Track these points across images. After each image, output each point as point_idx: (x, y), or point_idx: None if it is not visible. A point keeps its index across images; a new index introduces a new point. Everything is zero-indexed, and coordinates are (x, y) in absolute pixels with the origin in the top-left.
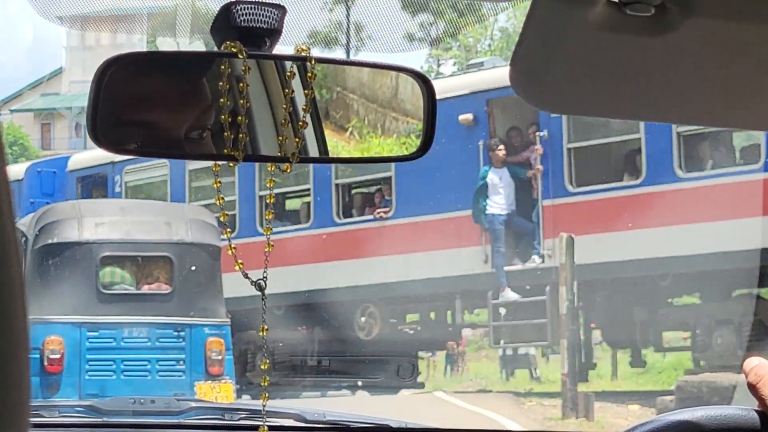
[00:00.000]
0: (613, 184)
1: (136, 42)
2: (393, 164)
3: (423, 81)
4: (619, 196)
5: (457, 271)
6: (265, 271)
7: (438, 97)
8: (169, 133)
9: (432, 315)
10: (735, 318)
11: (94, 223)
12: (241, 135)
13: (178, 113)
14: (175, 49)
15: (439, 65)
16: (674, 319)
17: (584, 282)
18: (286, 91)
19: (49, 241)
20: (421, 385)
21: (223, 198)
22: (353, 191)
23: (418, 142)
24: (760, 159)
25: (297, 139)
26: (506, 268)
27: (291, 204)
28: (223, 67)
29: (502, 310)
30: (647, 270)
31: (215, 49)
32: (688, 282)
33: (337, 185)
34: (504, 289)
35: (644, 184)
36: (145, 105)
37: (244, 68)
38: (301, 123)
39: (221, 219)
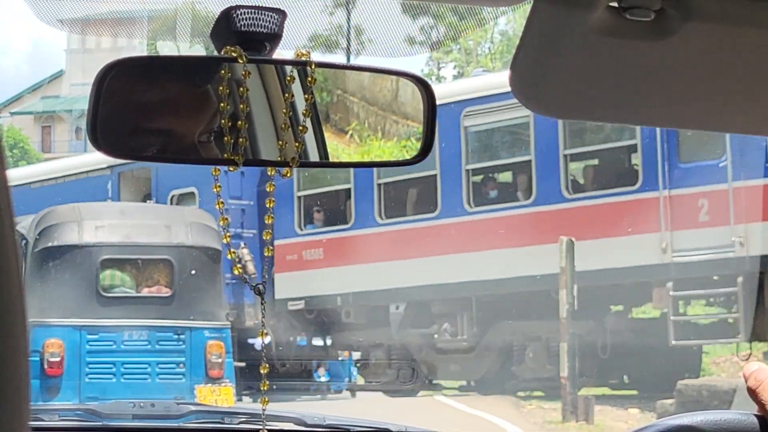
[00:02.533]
0: None
1: (136, 45)
2: None
3: (423, 86)
4: None
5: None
6: (264, 276)
7: None
8: (168, 138)
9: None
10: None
11: (94, 226)
12: (241, 139)
13: (178, 118)
14: (175, 53)
15: (439, 68)
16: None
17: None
18: (286, 95)
19: (50, 244)
20: None
21: (222, 202)
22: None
23: (418, 145)
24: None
25: (297, 144)
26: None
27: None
28: (223, 71)
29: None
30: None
31: (215, 53)
32: None
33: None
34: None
35: None
36: (144, 109)
37: (244, 73)
38: (301, 127)
39: (221, 223)
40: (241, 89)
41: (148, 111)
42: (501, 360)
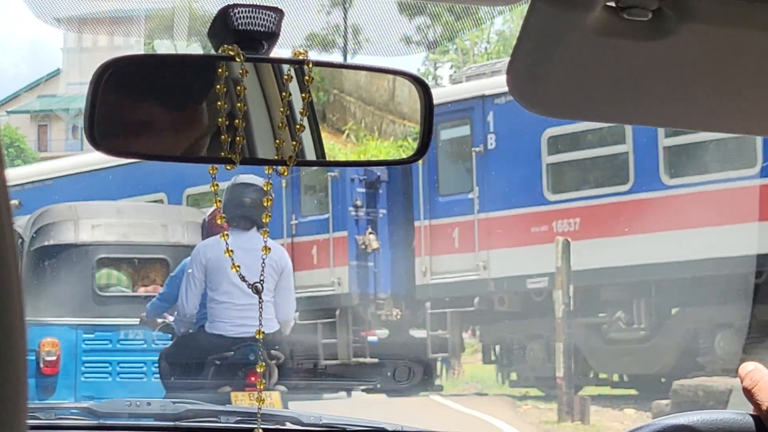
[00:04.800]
0: None
1: (133, 44)
2: None
3: (420, 84)
4: None
5: None
6: (261, 275)
7: None
8: (166, 136)
9: None
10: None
11: (91, 225)
12: (238, 138)
13: (175, 116)
14: (172, 51)
15: (436, 68)
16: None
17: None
18: (284, 94)
19: (46, 243)
20: None
21: (220, 201)
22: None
23: (415, 145)
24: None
25: (294, 143)
26: None
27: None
28: (220, 70)
29: None
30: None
31: (213, 52)
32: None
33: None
34: None
35: None
36: (142, 108)
37: (241, 71)
38: (298, 126)
39: (219, 221)
40: (239, 88)
41: (145, 109)
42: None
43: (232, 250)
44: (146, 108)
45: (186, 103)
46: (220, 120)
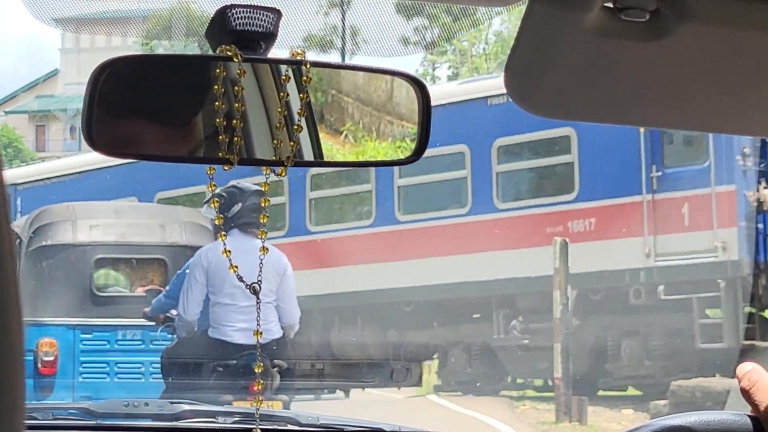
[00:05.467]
0: None
1: (131, 45)
2: None
3: (418, 85)
4: None
5: None
6: (259, 275)
7: None
8: (164, 136)
9: None
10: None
11: (89, 225)
12: (236, 138)
13: (173, 116)
14: (170, 52)
15: (434, 69)
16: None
17: None
18: (281, 94)
19: (43, 243)
20: None
21: (218, 201)
22: None
23: (413, 146)
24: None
25: (292, 143)
26: None
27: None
28: (218, 70)
29: None
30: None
31: (210, 52)
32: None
33: None
34: None
35: None
36: (139, 108)
37: (239, 72)
38: (296, 127)
39: (216, 222)
40: (237, 88)
41: (143, 110)
42: None
43: (230, 251)
44: (144, 108)
45: (184, 104)
46: (217, 120)
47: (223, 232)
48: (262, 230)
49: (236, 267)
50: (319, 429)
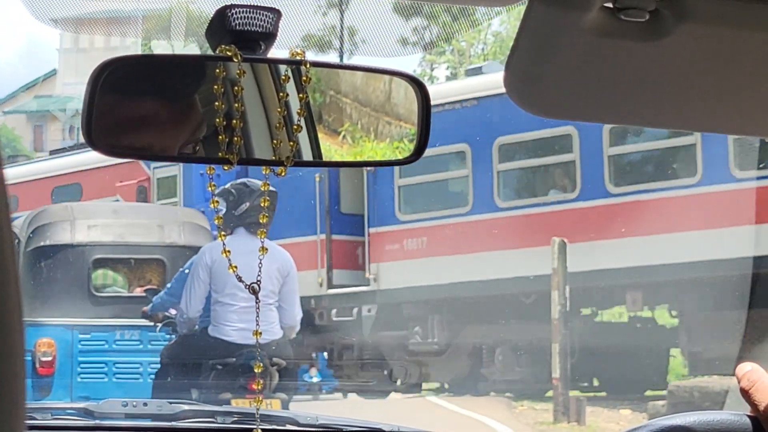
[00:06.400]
0: None
1: (129, 45)
2: None
3: (417, 85)
4: None
5: None
6: (258, 275)
7: None
8: (164, 136)
9: None
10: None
11: (87, 225)
12: (235, 138)
13: (174, 116)
14: (169, 52)
15: (432, 69)
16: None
17: None
18: (281, 94)
19: (42, 244)
20: None
21: (217, 201)
22: None
23: (411, 146)
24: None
25: (291, 143)
26: None
27: None
28: (218, 70)
29: None
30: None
31: (210, 52)
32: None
33: None
34: None
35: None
36: (139, 108)
37: (238, 72)
38: (295, 127)
39: (216, 222)
40: (236, 88)
41: (143, 109)
42: None
43: (229, 251)
44: (143, 108)
45: (183, 104)
46: (217, 120)
47: (223, 232)
48: (261, 230)
49: (235, 267)
50: (318, 429)
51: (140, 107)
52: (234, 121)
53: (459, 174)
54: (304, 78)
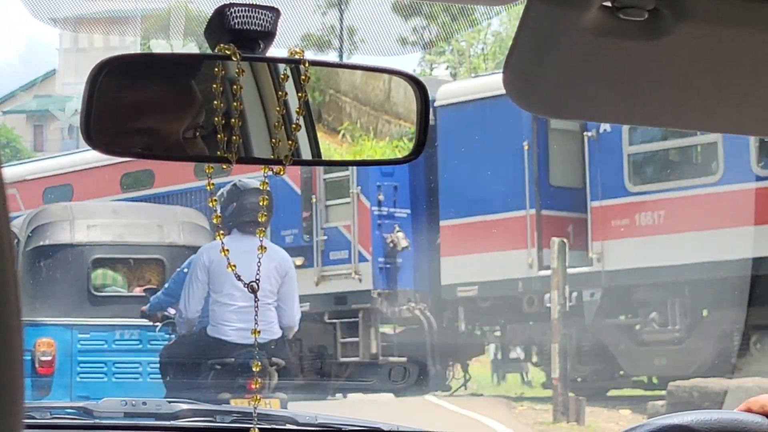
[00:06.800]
0: None
1: (129, 45)
2: None
3: (416, 84)
4: None
5: None
6: (257, 274)
7: None
8: (163, 135)
9: None
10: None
11: (86, 225)
12: (234, 137)
13: (172, 115)
14: (168, 51)
15: (431, 69)
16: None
17: None
18: (280, 93)
19: (41, 243)
20: None
21: (216, 200)
22: None
23: (410, 145)
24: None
25: (290, 142)
26: None
27: None
28: (216, 69)
29: None
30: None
31: (209, 51)
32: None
33: None
34: None
35: None
36: (138, 106)
37: (237, 71)
38: (294, 125)
39: (214, 221)
40: (235, 87)
41: (142, 108)
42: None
43: (227, 250)
44: (142, 107)
45: (182, 103)
46: (216, 119)
47: (221, 231)
48: (260, 229)
49: (234, 266)
50: (318, 428)
51: (139, 106)
52: (233, 120)
53: (703, 140)
54: (303, 77)
